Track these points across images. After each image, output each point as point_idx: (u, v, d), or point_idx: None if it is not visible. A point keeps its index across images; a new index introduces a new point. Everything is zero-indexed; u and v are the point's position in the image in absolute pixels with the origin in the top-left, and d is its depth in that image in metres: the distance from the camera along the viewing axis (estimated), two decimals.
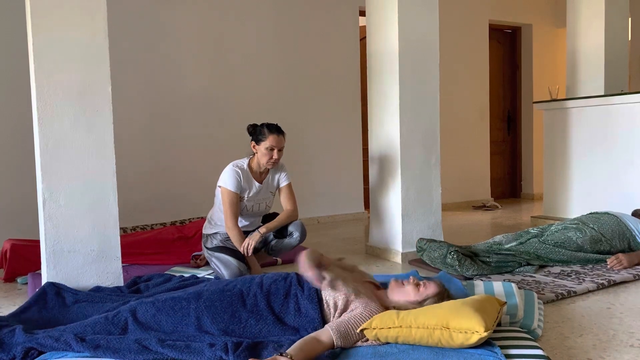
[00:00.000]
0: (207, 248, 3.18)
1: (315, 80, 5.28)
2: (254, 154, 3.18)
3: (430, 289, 2.03)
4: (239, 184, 3.08)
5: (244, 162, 3.17)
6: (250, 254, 3.02)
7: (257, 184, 3.17)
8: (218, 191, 3.15)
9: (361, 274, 2.27)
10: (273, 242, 3.20)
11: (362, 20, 5.46)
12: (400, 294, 2.03)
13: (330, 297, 2.00)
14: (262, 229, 3.06)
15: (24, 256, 3.27)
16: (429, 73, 3.62)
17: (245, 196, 3.13)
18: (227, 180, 3.08)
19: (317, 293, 2.03)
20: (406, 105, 3.54)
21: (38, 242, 3.05)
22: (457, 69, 6.13)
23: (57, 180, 2.62)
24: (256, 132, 3.14)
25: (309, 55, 5.24)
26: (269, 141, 3.08)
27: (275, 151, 3.09)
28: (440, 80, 3.71)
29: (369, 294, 2.03)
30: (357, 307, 1.93)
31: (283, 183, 3.27)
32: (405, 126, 3.55)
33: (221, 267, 3.02)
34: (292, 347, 1.69)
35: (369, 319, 1.87)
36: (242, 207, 3.14)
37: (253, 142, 3.15)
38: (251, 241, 3.00)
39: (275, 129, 3.12)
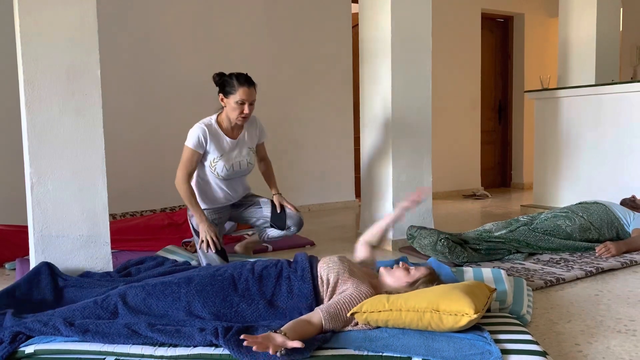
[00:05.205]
0: (191, 224, 3.04)
1: (307, 68, 5.25)
2: (222, 108, 2.92)
3: (420, 270, 2.05)
4: (200, 142, 2.84)
5: (211, 119, 2.93)
6: (218, 249, 2.84)
7: (228, 139, 2.92)
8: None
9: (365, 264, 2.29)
10: (271, 234, 3.15)
11: (354, 8, 5.43)
12: (392, 279, 2.04)
13: (324, 272, 2.02)
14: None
15: (12, 241, 3.25)
16: (421, 61, 3.61)
17: (217, 156, 2.90)
18: (189, 136, 2.86)
19: (311, 272, 2.04)
20: (398, 93, 3.53)
21: (26, 227, 3.02)
22: (449, 57, 6.12)
23: (46, 165, 2.59)
24: (224, 84, 2.86)
25: (301, 42, 5.21)
26: (239, 94, 2.81)
27: (246, 105, 2.83)
28: (432, 68, 3.70)
29: (362, 277, 2.04)
30: (348, 287, 1.94)
31: (263, 138, 3.11)
32: (397, 114, 3.54)
33: (202, 258, 2.92)
34: (285, 326, 1.70)
35: (359, 300, 1.87)
36: (221, 169, 2.91)
37: (221, 95, 2.88)
38: (208, 235, 2.81)
39: (246, 81, 2.84)
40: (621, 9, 5.10)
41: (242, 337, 1.57)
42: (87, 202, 2.67)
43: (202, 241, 2.85)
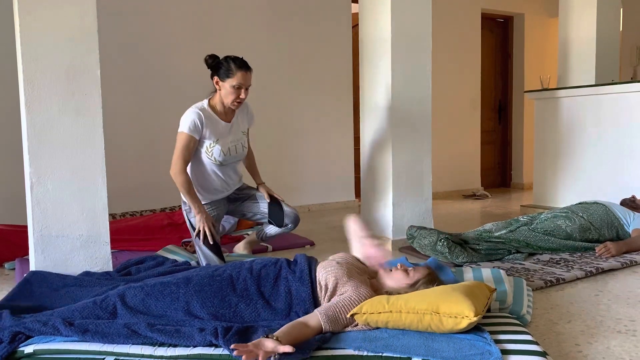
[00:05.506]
0: (188, 220, 3.00)
1: (307, 68, 5.25)
2: (215, 91, 2.88)
3: (420, 271, 2.04)
4: (196, 127, 2.79)
5: (203, 103, 2.88)
6: (210, 242, 2.79)
7: (223, 123, 2.89)
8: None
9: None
10: (269, 232, 3.15)
11: (354, 8, 5.43)
12: (391, 280, 2.04)
13: (322, 277, 2.01)
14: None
15: (12, 241, 3.24)
16: (421, 61, 3.61)
17: (213, 140, 2.86)
18: (183, 122, 2.80)
19: (310, 274, 2.03)
20: (398, 93, 3.53)
21: (26, 227, 3.02)
22: (449, 57, 6.12)
23: (45, 164, 2.58)
24: (220, 67, 2.81)
25: (301, 43, 5.20)
26: (236, 79, 2.77)
27: (243, 90, 2.81)
28: (432, 68, 3.70)
29: (362, 278, 2.03)
30: (347, 290, 1.93)
31: (252, 124, 3.07)
32: (397, 114, 3.54)
33: (202, 258, 2.91)
34: (280, 330, 1.69)
35: (358, 303, 1.87)
36: (218, 154, 2.87)
37: (216, 78, 2.83)
38: (205, 225, 2.76)
39: (244, 65, 2.80)
40: (621, 9, 5.10)
41: (232, 346, 1.56)
42: (87, 202, 2.67)
43: (198, 231, 2.82)
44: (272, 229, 3.13)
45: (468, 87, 6.41)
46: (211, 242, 2.82)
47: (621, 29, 5.38)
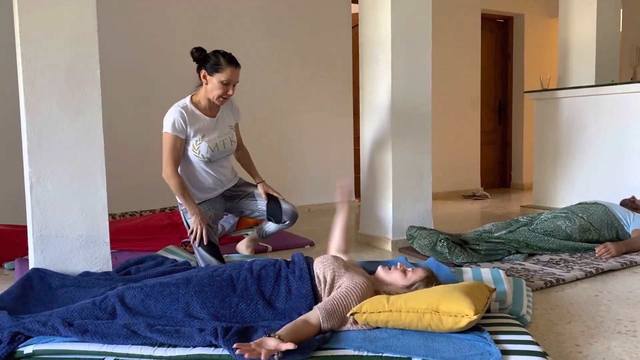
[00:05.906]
0: (186, 221, 2.98)
1: (307, 68, 5.25)
2: (200, 85, 2.84)
3: (418, 273, 2.04)
4: (180, 126, 2.75)
5: (186, 101, 2.83)
6: (204, 242, 2.77)
7: (208, 119, 2.84)
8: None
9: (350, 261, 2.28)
10: (268, 229, 3.15)
11: (354, 8, 5.43)
12: (388, 279, 2.04)
13: (320, 271, 2.02)
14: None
15: (11, 241, 3.24)
16: (421, 61, 3.61)
17: (199, 137, 2.81)
18: (166, 122, 2.77)
19: (309, 271, 2.04)
20: (398, 94, 3.53)
21: (25, 227, 3.01)
22: (449, 57, 6.12)
23: (45, 164, 2.58)
24: (208, 60, 2.77)
25: (301, 43, 5.21)
26: (225, 74, 2.72)
27: (231, 86, 2.77)
28: (432, 68, 3.70)
29: (357, 270, 2.04)
30: (344, 281, 1.95)
31: (239, 119, 3.03)
32: (397, 114, 3.54)
33: (199, 259, 2.89)
34: (282, 328, 1.70)
35: (355, 292, 1.88)
36: (205, 150, 2.81)
37: (204, 72, 2.78)
38: (199, 227, 2.74)
39: (233, 60, 2.76)
40: (621, 10, 5.10)
41: (234, 346, 1.57)
42: (87, 202, 2.67)
43: (192, 231, 2.79)
44: (270, 226, 3.12)
45: (468, 88, 6.41)
46: (205, 243, 2.80)
47: (621, 29, 5.38)
